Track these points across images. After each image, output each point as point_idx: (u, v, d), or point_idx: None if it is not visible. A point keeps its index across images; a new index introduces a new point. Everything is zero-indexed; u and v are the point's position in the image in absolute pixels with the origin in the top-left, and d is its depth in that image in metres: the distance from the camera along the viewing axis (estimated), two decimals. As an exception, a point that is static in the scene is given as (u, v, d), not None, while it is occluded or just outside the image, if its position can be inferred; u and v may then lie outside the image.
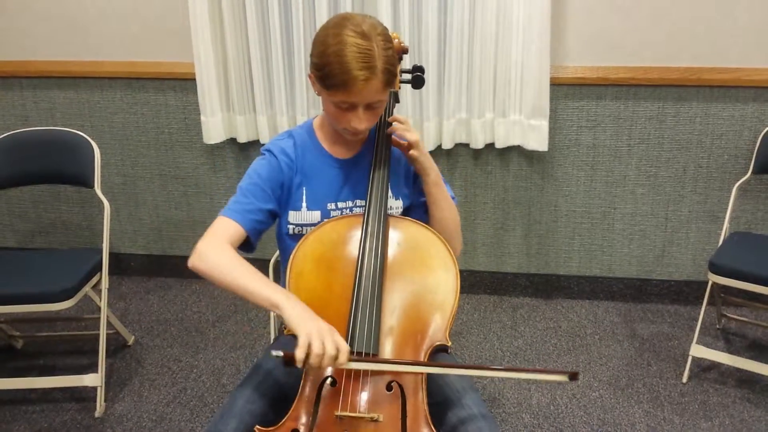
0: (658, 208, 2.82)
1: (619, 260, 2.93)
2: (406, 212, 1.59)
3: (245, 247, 1.48)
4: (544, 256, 2.97)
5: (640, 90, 2.66)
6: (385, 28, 1.38)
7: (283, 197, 1.52)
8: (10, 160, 2.48)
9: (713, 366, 2.48)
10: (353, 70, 1.30)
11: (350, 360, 1.22)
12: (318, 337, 1.19)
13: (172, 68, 2.89)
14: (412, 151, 1.48)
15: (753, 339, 2.67)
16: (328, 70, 1.32)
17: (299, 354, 1.18)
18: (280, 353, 1.20)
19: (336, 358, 1.19)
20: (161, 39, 2.87)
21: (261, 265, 1.51)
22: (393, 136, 1.52)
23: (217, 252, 1.36)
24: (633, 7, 2.56)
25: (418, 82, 1.63)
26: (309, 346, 1.18)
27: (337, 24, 1.34)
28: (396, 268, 1.40)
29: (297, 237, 1.48)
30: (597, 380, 2.43)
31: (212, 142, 2.88)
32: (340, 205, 1.52)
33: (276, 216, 1.53)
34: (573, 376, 1.21)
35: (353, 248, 1.41)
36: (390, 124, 1.53)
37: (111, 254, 2.43)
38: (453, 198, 1.60)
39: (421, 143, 1.49)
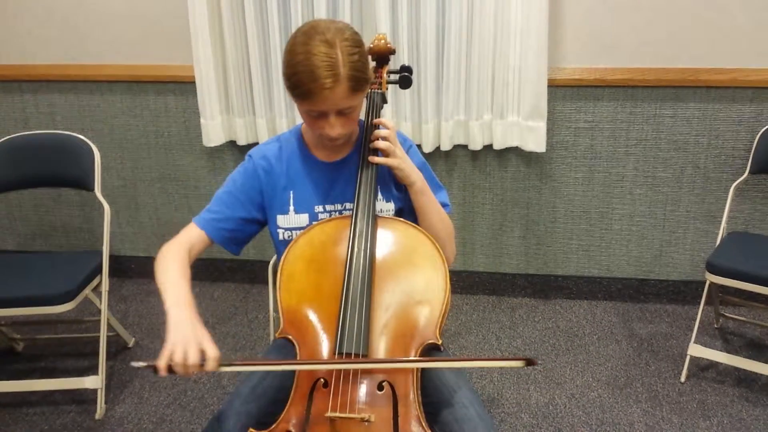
0: (655, 209, 2.83)
1: (617, 260, 2.94)
2: (400, 215, 1.58)
3: (230, 249, 1.54)
4: (543, 256, 2.98)
5: (638, 91, 2.67)
6: (354, 33, 1.37)
7: (267, 202, 1.53)
8: (11, 163, 2.49)
9: (711, 365, 2.49)
10: (319, 79, 1.29)
11: (221, 366, 1.23)
12: (181, 346, 1.20)
13: (171, 71, 2.90)
14: (388, 160, 1.46)
15: (751, 338, 2.67)
16: (295, 80, 1.32)
17: (159, 362, 1.20)
18: (142, 364, 1.22)
19: (201, 366, 1.21)
20: (161, 42, 2.88)
21: (261, 266, 1.52)
22: (370, 145, 1.50)
23: (168, 256, 1.43)
24: (630, 8, 2.57)
25: (405, 82, 1.63)
26: (171, 355, 1.20)
27: (304, 33, 1.34)
28: (385, 267, 1.40)
29: (288, 242, 1.49)
30: (595, 380, 2.43)
31: (212, 144, 2.89)
32: (329, 207, 1.53)
33: (256, 222, 1.54)
34: (529, 362, 1.20)
35: (342, 249, 1.41)
36: (378, 126, 1.51)
37: (111, 257, 2.44)
38: (446, 206, 1.58)
39: (398, 151, 1.46)
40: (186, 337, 1.23)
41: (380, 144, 1.46)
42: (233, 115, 2.88)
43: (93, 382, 2.31)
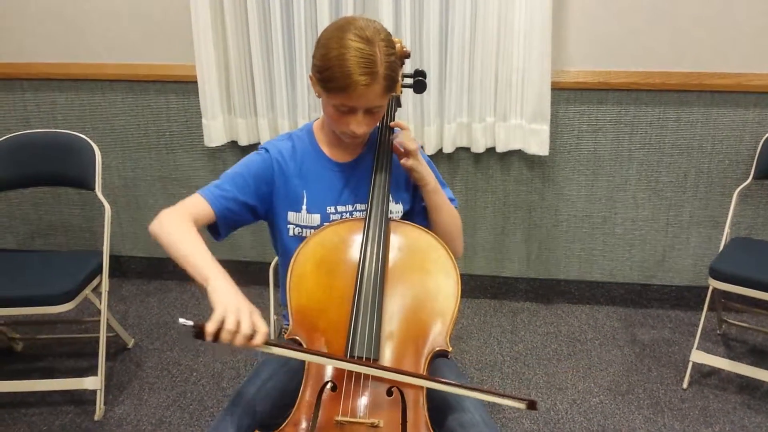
0: (658, 213, 2.81)
1: (619, 265, 2.93)
2: (407, 217, 1.59)
3: (213, 233, 1.49)
4: (545, 260, 2.97)
5: (642, 95, 2.66)
6: (389, 34, 1.38)
7: (275, 197, 1.51)
8: (11, 162, 2.48)
9: (714, 372, 2.48)
10: (354, 75, 1.30)
11: (267, 343, 1.19)
12: (234, 314, 1.16)
13: (173, 71, 2.89)
14: (409, 161, 1.48)
15: (754, 345, 2.66)
16: (330, 74, 1.32)
17: (210, 326, 1.14)
18: (190, 323, 1.15)
19: (250, 337, 1.16)
20: (163, 41, 2.87)
21: (261, 268, 1.51)
22: (394, 143, 1.52)
23: (175, 222, 1.38)
24: (634, 11, 2.56)
25: (419, 86, 1.63)
26: (223, 321, 1.15)
27: (341, 27, 1.34)
28: (397, 272, 1.39)
29: (298, 239, 1.48)
30: (597, 386, 2.42)
31: (213, 144, 2.88)
32: (340, 208, 1.52)
33: (254, 212, 1.52)
34: (531, 405, 1.21)
35: (354, 252, 1.40)
36: (392, 129, 1.53)
37: (111, 257, 2.43)
38: (453, 200, 1.60)
39: (418, 153, 1.49)
40: (239, 305, 1.18)
41: (411, 145, 1.47)
42: (235, 116, 2.87)
43: (92, 382, 2.30)
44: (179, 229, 1.36)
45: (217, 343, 1.16)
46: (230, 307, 1.17)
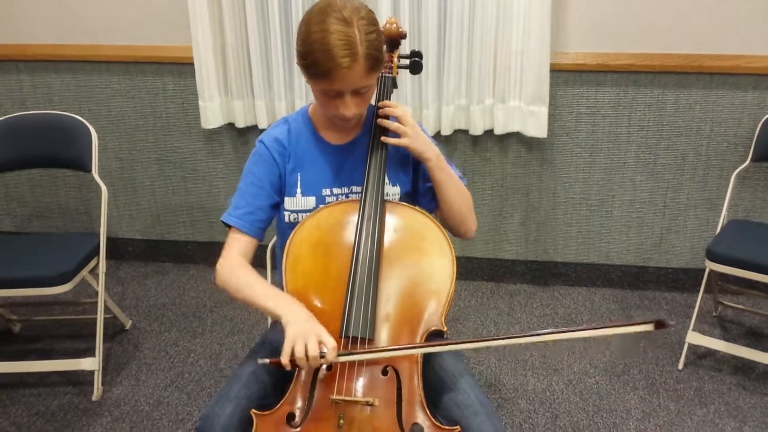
0: (656, 196, 2.81)
1: (616, 247, 2.93)
2: (410, 198, 1.58)
3: (260, 237, 1.52)
4: (542, 243, 2.98)
5: (640, 77, 2.64)
6: (370, 11, 1.35)
7: (282, 186, 1.52)
8: (8, 144, 2.47)
9: (709, 353, 2.49)
10: (336, 58, 1.28)
11: (340, 355, 1.24)
12: (301, 341, 1.22)
13: (170, 52, 2.87)
14: (401, 141, 1.46)
15: (749, 326, 2.67)
16: (312, 59, 1.31)
17: (283, 360, 1.22)
18: (266, 361, 1.26)
19: (323, 356, 1.22)
20: (159, 23, 2.85)
21: (259, 249, 1.51)
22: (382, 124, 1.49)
23: (231, 273, 1.43)
24: (634, -7, 2.54)
25: (415, 67, 1.62)
26: (293, 351, 1.21)
27: (320, 11, 1.32)
28: (392, 253, 1.39)
29: (294, 225, 1.48)
30: (593, 367, 2.43)
31: (210, 126, 2.87)
32: (336, 191, 1.52)
33: (276, 206, 1.53)
34: (659, 325, 1.22)
35: (350, 233, 1.40)
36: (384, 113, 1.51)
37: (108, 239, 2.43)
38: (462, 178, 1.57)
39: (411, 130, 1.46)
40: (305, 330, 1.24)
41: (391, 125, 1.46)
42: (232, 97, 2.85)
43: (90, 363, 2.31)
44: (237, 279, 1.42)
45: (296, 368, 1.26)
46: (296, 335, 1.23)
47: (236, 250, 1.46)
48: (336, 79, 1.31)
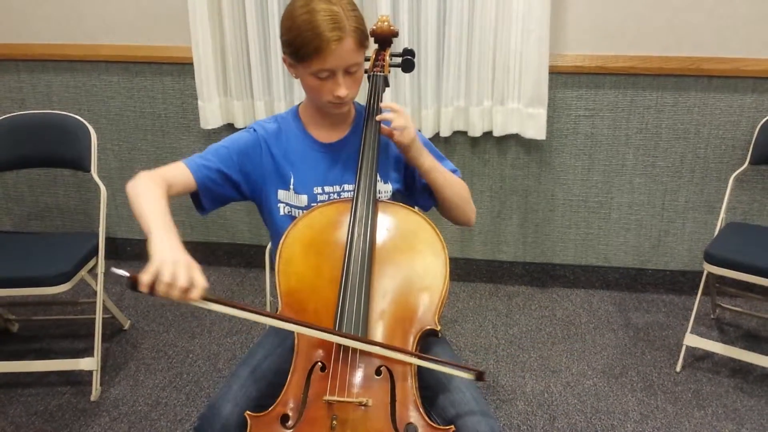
0: (654, 198, 2.82)
1: (615, 249, 2.93)
2: (405, 196, 1.59)
3: (197, 205, 1.52)
4: (540, 244, 2.98)
5: (639, 79, 2.65)
6: None
7: (261, 177, 1.51)
8: (7, 143, 2.47)
9: (707, 355, 2.50)
10: (325, 32, 1.32)
11: (206, 298, 1.15)
12: (171, 266, 1.12)
13: (169, 52, 2.87)
14: (396, 138, 1.45)
15: (747, 329, 2.68)
16: (300, 40, 1.34)
17: (144, 277, 1.10)
18: (126, 273, 1.10)
19: (187, 291, 1.12)
20: (159, 23, 2.85)
21: (258, 251, 1.51)
22: (381, 125, 1.48)
23: (146, 183, 1.39)
24: (633, -5, 2.55)
25: (408, 65, 1.62)
26: (158, 273, 1.11)
27: None
28: (385, 252, 1.39)
29: (288, 218, 1.49)
30: (591, 368, 2.44)
31: (209, 127, 2.87)
32: (327, 189, 1.52)
33: (237, 189, 1.52)
34: (479, 376, 1.28)
35: (342, 233, 1.40)
36: (380, 110, 1.50)
37: (107, 239, 2.43)
38: (455, 171, 1.58)
39: (408, 132, 1.45)
40: (176, 258, 1.15)
41: (390, 119, 1.45)
42: (231, 98, 2.86)
43: (88, 363, 2.31)
44: (147, 189, 1.36)
45: (153, 295, 1.12)
46: (166, 259, 1.13)
47: (168, 172, 1.44)
48: (327, 55, 1.34)
